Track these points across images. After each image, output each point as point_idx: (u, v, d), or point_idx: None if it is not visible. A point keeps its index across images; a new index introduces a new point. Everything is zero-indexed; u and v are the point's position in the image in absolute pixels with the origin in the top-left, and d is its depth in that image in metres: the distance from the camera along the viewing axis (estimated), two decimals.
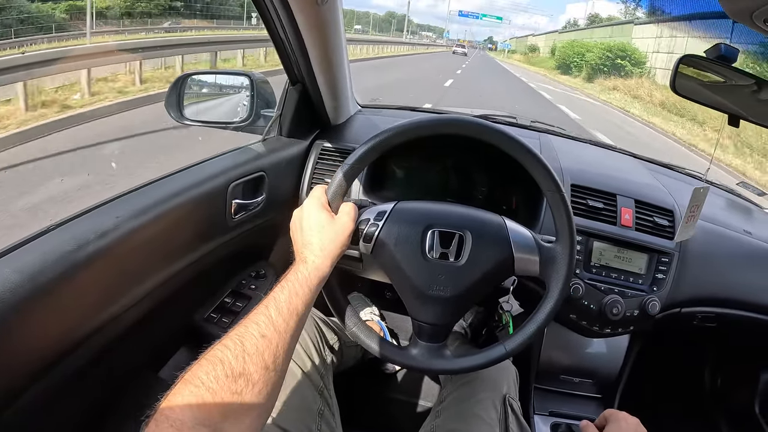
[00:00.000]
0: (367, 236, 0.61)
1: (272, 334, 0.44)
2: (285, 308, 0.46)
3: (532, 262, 0.62)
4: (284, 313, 0.46)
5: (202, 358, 0.40)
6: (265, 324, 0.44)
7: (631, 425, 0.60)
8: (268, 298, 0.47)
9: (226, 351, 0.40)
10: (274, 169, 0.91)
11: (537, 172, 0.61)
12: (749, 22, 0.56)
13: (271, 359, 0.42)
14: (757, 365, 1.17)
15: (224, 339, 0.42)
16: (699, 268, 0.92)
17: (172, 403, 0.36)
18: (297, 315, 0.47)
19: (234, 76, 1.06)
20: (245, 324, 0.44)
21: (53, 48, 6.59)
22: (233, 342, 0.41)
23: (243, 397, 0.39)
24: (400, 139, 0.61)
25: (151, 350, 0.82)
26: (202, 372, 0.38)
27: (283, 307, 0.46)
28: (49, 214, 2.19)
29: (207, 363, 0.39)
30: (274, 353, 0.43)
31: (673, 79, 0.76)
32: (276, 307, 0.46)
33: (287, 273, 0.52)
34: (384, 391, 1.15)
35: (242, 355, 0.41)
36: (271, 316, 0.45)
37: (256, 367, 0.41)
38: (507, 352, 0.63)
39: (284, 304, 0.47)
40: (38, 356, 0.52)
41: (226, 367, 0.39)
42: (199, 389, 0.37)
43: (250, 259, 1.00)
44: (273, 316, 0.45)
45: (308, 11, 0.73)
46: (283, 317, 0.45)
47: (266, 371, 0.41)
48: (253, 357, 0.41)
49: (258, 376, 0.40)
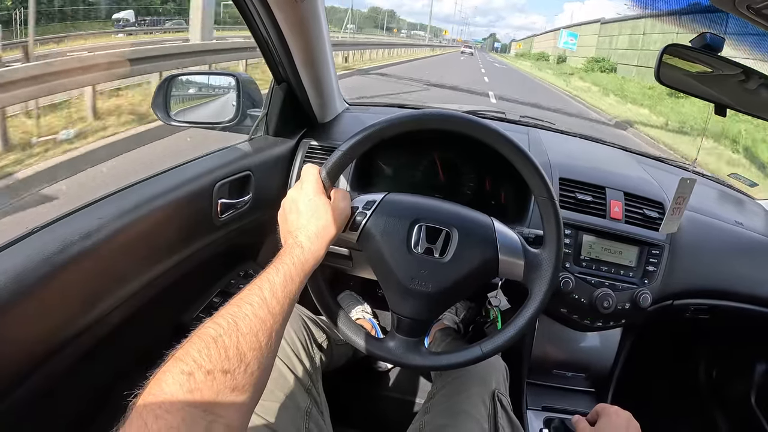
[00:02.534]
0: (354, 224, 0.61)
1: (266, 315, 0.42)
2: (280, 291, 0.45)
3: (517, 266, 0.62)
4: (279, 296, 0.45)
5: (194, 335, 0.39)
6: (258, 305, 0.43)
7: (622, 419, 0.59)
8: (262, 279, 0.46)
9: (219, 329, 0.39)
10: (261, 168, 0.91)
11: (529, 175, 0.61)
12: (733, 9, 0.56)
13: (265, 340, 0.41)
14: (752, 356, 1.16)
15: (216, 317, 0.41)
16: (690, 259, 0.91)
17: (162, 382, 0.35)
18: (291, 298, 0.47)
19: (220, 76, 1.06)
20: (238, 304, 0.42)
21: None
22: (226, 321, 0.40)
23: (236, 378, 0.38)
24: (395, 130, 0.60)
25: (139, 351, 0.82)
26: (194, 350, 0.37)
27: (278, 289, 0.45)
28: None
29: (199, 341, 0.38)
30: (268, 334, 0.42)
31: (657, 68, 0.76)
32: (270, 289, 0.45)
33: (280, 254, 0.51)
34: (375, 389, 1.15)
35: (236, 334, 0.39)
36: (265, 298, 0.44)
37: (250, 347, 0.39)
38: (483, 354, 0.62)
39: (279, 287, 0.46)
40: (23, 358, 0.52)
41: (219, 345, 0.38)
42: (190, 368, 0.36)
43: (238, 258, 1.00)
44: (267, 297, 0.44)
45: (288, 9, 0.73)
46: (278, 300, 0.45)
47: (260, 352, 0.40)
48: (247, 337, 0.40)
49: (251, 356, 0.39)
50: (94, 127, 3.69)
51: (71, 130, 3.49)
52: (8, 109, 3.05)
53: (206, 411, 0.35)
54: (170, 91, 0.97)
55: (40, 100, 3.34)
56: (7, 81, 2.86)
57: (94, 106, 3.81)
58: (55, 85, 3.25)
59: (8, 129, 3.05)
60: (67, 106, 3.83)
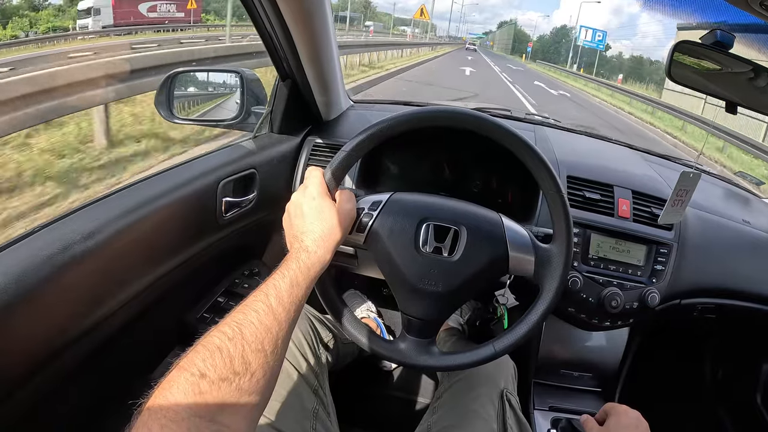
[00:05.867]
0: (360, 226, 0.60)
1: (272, 322, 0.42)
2: (286, 297, 0.45)
3: (527, 262, 0.61)
4: (285, 302, 0.44)
5: (199, 344, 0.38)
6: (264, 312, 0.42)
7: (632, 418, 0.59)
8: (268, 285, 0.46)
9: (224, 338, 0.39)
10: (266, 167, 0.90)
11: (537, 171, 0.60)
12: (746, 6, 0.55)
13: (271, 348, 0.41)
14: (758, 356, 1.16)
15: (221, 325, 0.40)
16: (698, 258, 0.91)
17: (167, 391, 0.34)
18: (297, 304, 0.46)
19: (224, 73, 1.05)
20: (243, 311, 0.42)
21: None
22: (231, 329, 0.39)
23: (242, 387, 0.37)
24: (401, 128, 0.59)
25: (143, 351, 0.81)
26: (199, 359, 0.37)
27: (284, 296, 0.45)
28: None
29: (204, 350, 0.37)
30: (274, 342, 0.41)
31: (668, 66, 0.75)
32: (276, 295, 0.44)
33: (287, 259, 0.50)
34: (382, 389, 1.14)
35: (241, 342, 0.39)
36: (271, 305, 0.43)
37: (255, 356, 0.39)
38: (496, 352, 0.61)
39: (285, 293, 0.45)
40: (25, 360, 0.51)
41: (224, 354, 0.37)
42: (195, 377, 0.35)
43: (243, 257, 0.99)
44: (273, 304, 0.43)
45: (293, 4, 0.72)
46: (284, 306, 0.44)
47: (265, 360, 0.40)
48: (252, 345, 0.39)
49: (257, 365, 0.39)
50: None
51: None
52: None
53: (212, 420, 0.34)
54: (173, 89, 0.96)
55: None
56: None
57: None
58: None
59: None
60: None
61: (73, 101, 2.87)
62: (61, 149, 3.07)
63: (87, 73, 3.01)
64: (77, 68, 3.01)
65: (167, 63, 3.73)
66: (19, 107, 2.47)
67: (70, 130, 3.34)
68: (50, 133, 3.21)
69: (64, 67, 2.99)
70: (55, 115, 2.80)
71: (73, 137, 3.28)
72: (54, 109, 2.73)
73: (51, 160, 2.91)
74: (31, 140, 3.06)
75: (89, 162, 3.03)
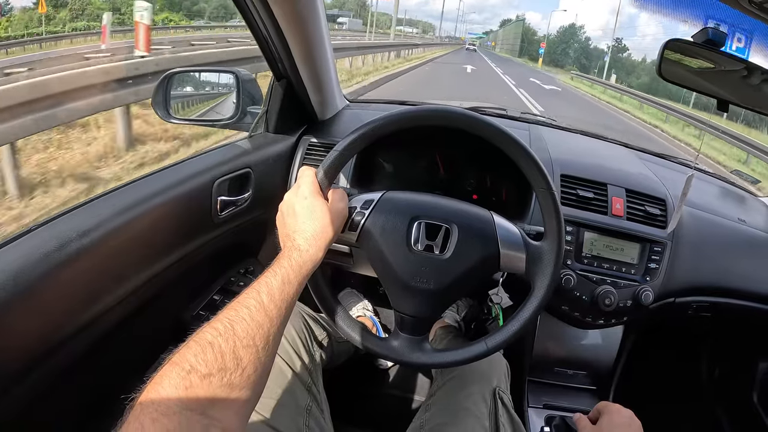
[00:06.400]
0: (353, 224, 0.61)
1: (263, 319, 0.43)
2: (277, 295, 0.45)
3: (518, 259, 0.61)
4: (276, 300, 0.45)
5: (191, 340, 0.39)
6: (256, 309, 0.43)
7: (624, 417, 0.59)
8: (260, 282, 0.46)
9: (215, 334, 0.39)
10: (261, 166, 0.90)
11: (528, 168, 0.60)
12: (735, 3, 0.55)
13: (262, 344, 0.41)
14: (754, 354, 1.16)
15: (213, 321, 0.41)
16: (692, 257, 0.91)
17: (158, 385, 0.35)
18: (288, 301, 0.46)
19: (220, 73, 1.06)
20: (236, 308, 0.42)
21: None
22: (223, 325, 0.40)
23: (233, 382, 0.38)
24: (392, 128, 0.60)
25: (138, 348, 0.82)
26: (191, 354, 0.37)
27: (276, 293, 0.45)
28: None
29: (196, 345, 0.38)
30: (265, 338, 0.42)
31: (659, 64, 0.75)
32: (268, 293, 0.45)
33: (279, 258, 0.51)
34: (376, 387, 1.15)
35: (233, 338, 0.39)
36: (262, 302, 0.44)
37: (246, 352, 0.40)
38: (488, 349, 0.62)
39: (276, 290, 0.46)
40: (22, 355, 0.52)
41: (215, 350, 0.38)
42: (186, 372, 0.36)
43: (239, 256, 1.00)
44: (265, 301, 0.44)
45: (286, 4, 0.73)
46: (275, 303, 0.45)
47: (256, 356, 0.40)
48: (244, 341, 0.40)
49: (248, 360, 0.39)
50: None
51: None
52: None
53: (203, 414, 0.35)
54: (170, 89, 0.96)
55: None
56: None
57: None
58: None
59: None
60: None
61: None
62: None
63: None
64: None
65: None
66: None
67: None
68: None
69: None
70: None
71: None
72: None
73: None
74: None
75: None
